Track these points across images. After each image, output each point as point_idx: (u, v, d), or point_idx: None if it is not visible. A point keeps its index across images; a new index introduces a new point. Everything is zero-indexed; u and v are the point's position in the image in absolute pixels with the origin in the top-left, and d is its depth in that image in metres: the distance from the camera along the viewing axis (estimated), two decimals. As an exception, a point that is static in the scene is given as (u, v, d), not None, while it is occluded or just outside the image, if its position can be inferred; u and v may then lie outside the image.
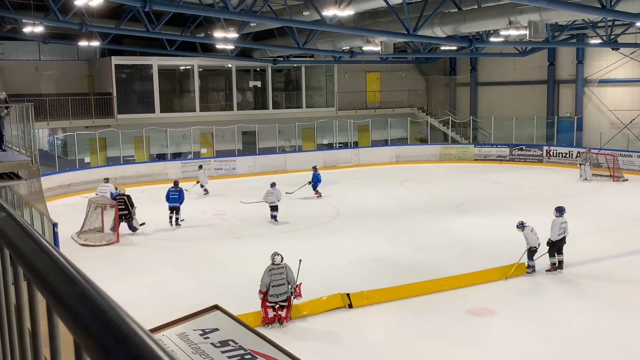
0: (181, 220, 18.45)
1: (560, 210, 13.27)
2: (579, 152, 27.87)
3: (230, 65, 31.61)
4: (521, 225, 13.04)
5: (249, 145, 32.08)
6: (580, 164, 26.32)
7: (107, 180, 20.89)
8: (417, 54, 33.06)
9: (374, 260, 14.30)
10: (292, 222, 18.88)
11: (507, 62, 33.66)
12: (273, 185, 19.15)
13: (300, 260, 10.45)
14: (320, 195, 22.96)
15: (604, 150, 27.87)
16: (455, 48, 30.54)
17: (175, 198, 18.37)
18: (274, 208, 18.59)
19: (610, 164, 26.18)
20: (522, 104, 33.75)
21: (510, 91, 34.72)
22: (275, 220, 18.54)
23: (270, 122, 31.39)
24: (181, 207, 18.49)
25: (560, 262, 13.11)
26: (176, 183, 19.18)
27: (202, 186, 24.34)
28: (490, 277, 12.76)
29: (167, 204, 18.43)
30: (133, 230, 17.71)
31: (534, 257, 13.04)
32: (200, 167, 25.69)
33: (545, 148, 31.21)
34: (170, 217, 18.38)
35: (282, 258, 10.52)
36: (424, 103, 37.94)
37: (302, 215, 20.11)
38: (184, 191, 19.10)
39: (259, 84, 33.20)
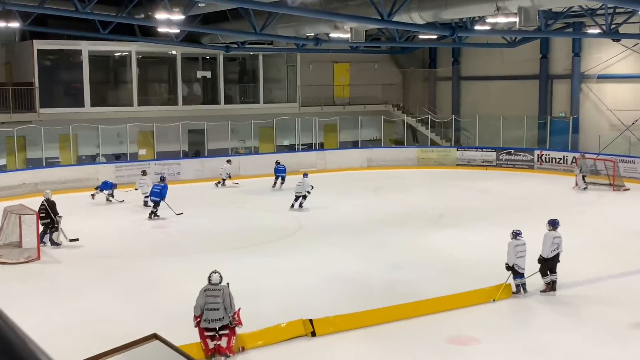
0: (155, 216, 20.91)
1: (553, 224, 13.48)
2: (574, 157, 28.47)
3: (174, 53, 31.40)
4: (513, 235, 13.22)
5: (196, 146, 31.86)
6: (579, 172, 26.77)
7: (144, 172, 24.16)
8: (392, 42, 33.29)
9: (342, 280, 14.32)
10: (246, 237, 18.84)
11: (494, 54, 34.22)
12: (305, 175, 23.19)
13: (227, 284, 10.37)
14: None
15: (603, 155, 28.51)
16: (435, 37, 30.95)
17: (156, 192, 21.04)
18: (301, 197, 22.24)
19: (610, 171, 26.78)
20: (511, 101, 34.33)
21: (498, 87, 35.30)
22: (300, 206, 22.08)
23: (221, 120, 31.25)
24: (161, 203, 20.94)
25: (553, 283, 13.32)
26: (162, 178, 22.07)
27: (222, 181, 27.22)
28: (474, 299, 12.89)
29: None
30: (53, 245, 17.38)
31: (522, 276, 13.22)
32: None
33: (536, 152, 31.80)
34: (152, 213, 21.02)
35: (220, 277, 10.41)
36: (400, 99, 38.30)
37: (258, 228, 20.06)
38: (167, 186, 21.47)
39: (208, 74, 33.04)
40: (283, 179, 27.16)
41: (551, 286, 13.31)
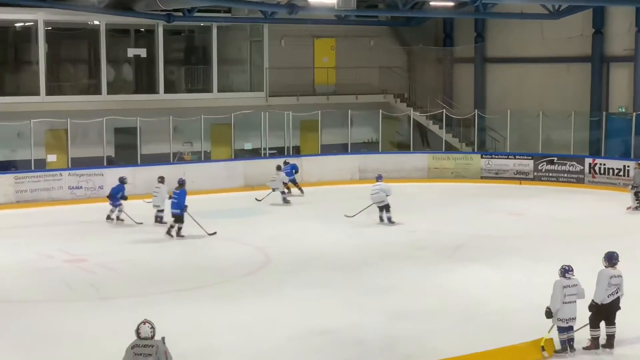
0: (178, 235, 22.51)
1: (610, 259, 13.55)
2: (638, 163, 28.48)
3: (97, 23, 31.32)
4: (562, 272, 13.29)
5: (126, 149, 31.72)
6: (632, 187, 27.00)
7: (162, 179, 24.97)
8: (394, 11, 33.49)
9: (324, 334, 14.29)
10: (194, 274, 18.74)
11: (531, 29, 34.53)
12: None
13: (162, 338, 10.35)
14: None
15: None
16: (452, 4, 31.15)
17: (175, 203, 22.59)
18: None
19: (687, 188, 27.00)
20: (554, 92, 34.61)
21: (536, 72, 35.58)
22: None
23: (160, 114, 31.17)
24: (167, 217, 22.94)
25: (610, 337, 13.39)
26: (181, 182, 23.32)
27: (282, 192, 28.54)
28: (505, 359, 12.94)
29: None
30: None
31: (570, 330, 13.29)
32: (279, 167, 28.82)
33: (588, 161, 32.04)
34: (171, 227, 22.49)
35: (153, 330, 10.39)
36: (405, 88, 38.46)
37: (210, 263, 20.01)
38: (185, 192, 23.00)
39: (143, 53, 32.98)
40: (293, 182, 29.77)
41: (606, 341, 13.37)
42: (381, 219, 24.47)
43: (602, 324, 13.37)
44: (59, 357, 13.36)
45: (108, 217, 24.98)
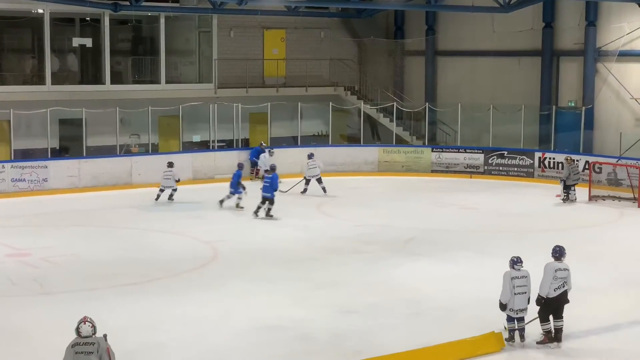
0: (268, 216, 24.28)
1: (557, 253, 13.74)
2: (566, 158, 28.78)
3: (40, 11, 30.92)
4: (512, 264, 13.46)
5: (71, 141, 31.43)
6: (561, 180, 27.56)
7: (171, 164, 27.30)
8: (345, 2, 33.56)
9: (272, 330, 14.30)
10: (140, 269, 18.63)
11: (483, 22, 34.79)
12: (311, 156, 28.82)
13: (104, 336, 10.28)
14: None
15: (625, 159, 29.22)
16: (403, -4, 31.29)
17: (266, 186, 24.20)
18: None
19: (635, 181, 27.46)
20: (505, 86, 34.94)
21: (487, 66, 35.87)
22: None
23: (107, 105, 30.92)
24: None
25: (558, 331, 13.56)
26: (272, 167, 25.41)
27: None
28: (452, 354, 13.04)
29: None
30: None
31: (519, 321, 13.45)
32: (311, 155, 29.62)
33: (537, 155, 32.43)
34: (258, 207, 24.41)
35: (93, 328, 10.30)
36: (355, 80, 38.53)
37: (157, 257, 19.90)
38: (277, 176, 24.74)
39: (88, 42, 32.63)
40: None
41: (554, 335, 13.56)
42: (324, 190, 28.14)
43: (551, 318, 13.56)
44: (1, 353, 13.19)
45: (221, 202, 26.19)
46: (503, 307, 13.50)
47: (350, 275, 18.24)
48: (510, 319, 13.47)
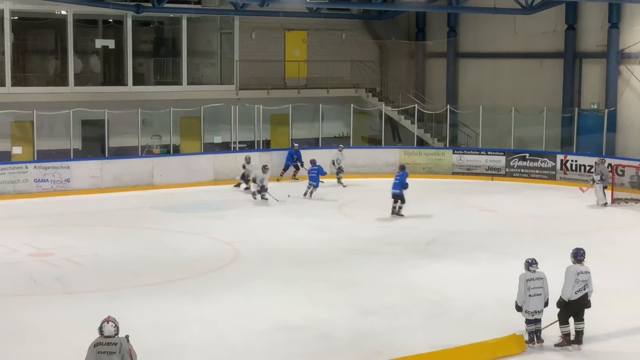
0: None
1: (578, 255, 13.69)
2: (595, 161, 28.75)
3: (64, 13, 31.10)
4: (526, 265, 13.47)
5: (94, 142, 31.59)
6: (592, 182, 27.38)
7: (248, 160, 29.01)
8: (367, 4, 33.57)
9: (292, 330, 14.33)
10: (161, 269, 18.71)
11: (505, 24, 34.70)
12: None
13: (127, 336, 10.34)
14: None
15: (648, 162, 29.10)
16: (425, -2, 31.25)
17: (396, 184, 24.77)
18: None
19: (657, 184, 27.40)
20: (527, 88, 34.82)
21: (509, 68, 35.78)
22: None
23: (129, 107, 31.06)
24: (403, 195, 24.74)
25: (579, 333, 13.54)
26: (401, 166, 26.19)
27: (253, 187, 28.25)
28: (473, 356, 13.04)
29: None
30: None
31: (536, 322, 13.43)
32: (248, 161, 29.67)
33: (559, 157, 32.33)
34: (394, 208, 24.97)
35: (116, 328, 10.36)
36: (377, 82, 38.53)
37: (178, 257, 19.96)
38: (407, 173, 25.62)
39: (111, 44, 32.78)
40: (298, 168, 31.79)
41: (575, 337, 13.53)
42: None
43: (571, 321, 13.54)
44: (23, 352, 13.29)
45: (305, 194, 28.09)
46: (519, 308, 13.51)
47: (370, 275, 18.25)
48: (527, 321, 13.47)
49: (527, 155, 32.87)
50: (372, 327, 14.56)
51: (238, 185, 29.75)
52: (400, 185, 24.76)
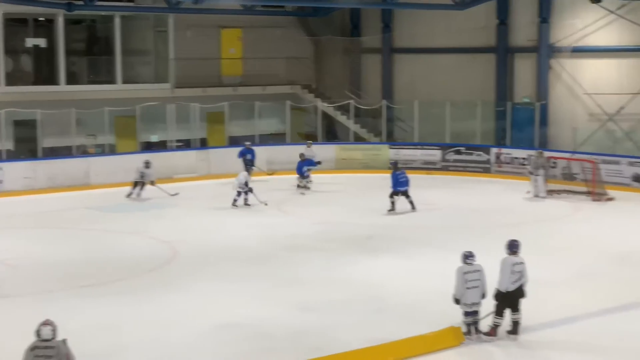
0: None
1: (513, 247, 13.92)
2: (533, 154, 29.26)
3: (-7, 11, 30.61)
4: (463, 258, 13.64)
5: (26, 143, 31.13)
6: (530, 173, 27.90)
7: (148, 164, 27.60)
8: (301, 1, 33.57)
9: (232, 329, 14.33)
10: (98, 270, 18.56)
11: (438, 19, 35.01)
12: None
13: (64, 340, 10.26)
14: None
15: (579, 154, 29.60)
16: (359, -6, 31.39)
17: (404, 182, 25.05)
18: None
19: (589, 175, 27.86)
20: (461, 82, 35.17)
21: (443, 63, 36.08)
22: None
23: (62, 106, 30.66)
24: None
25: (515, 324, 13.75)
26: (395, 164, 26.70)
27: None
28: (412, 349, 13.15)
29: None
30: None
31: (474, 314, 13.61)
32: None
33: (494, 150, 32.77)
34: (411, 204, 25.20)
35: (53, 331, 10.26)
36: (312, 79, 38.58)
37: (116, 258, 19.81)
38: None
39: (42, 42, 32.31)
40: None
41: (513, 328, 13.75)
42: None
43: (508, 312, 13.75)
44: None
45: (298, 186, 29.04)
46: (457, 301, 13.67)
47: (311, 272, 18.31)
48: (465, 314, 13.64)
49: (462, 149, 33.25)
50: (313, 324, 14.61)
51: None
52: (406, 184, 25.20)
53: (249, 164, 30.70)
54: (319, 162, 30.36)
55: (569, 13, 32.38)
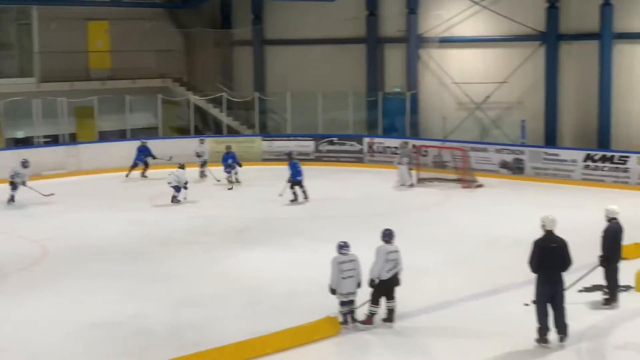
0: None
1: (387, 236, 14.13)
2: (400, 144, 29.90)
3: None
4: (338, 248, 13.78)
5: None
6: (398, 164, 28.49)
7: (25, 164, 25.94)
8: (169, -8, 33.20)
9: (109, 327, 14.11)
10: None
11: (309, 11, 35.24)
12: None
13: None
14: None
15: (449, 142, 30.35)
16: (228, -14, 31.31)
17: (300, 171, 25.52)
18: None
19: (459, 163, 28.59)
20: (332, 73, 35.54)
21: (314, 54, 36.36)
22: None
23: None
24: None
25: (390, 312, 13.96)
26: (289, 154, 26.65)
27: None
28: (290, 340, 13.23)
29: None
30: None
31: (350, 304, 13.78)
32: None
33: (366, 140, 33.21)
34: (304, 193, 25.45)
35: None
36: (183, 72, 38.27)
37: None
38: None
39: None
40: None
41: (388, 316, 13.96)
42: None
43: (383, 300, 13.96)
44: None
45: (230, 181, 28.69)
46: (333, 291, 13.79)
47: (186, 267, 18.21)
48: (342, 303, 13.77)
49: (335, 139, 33.59)
50: (191, 319, 14.53)
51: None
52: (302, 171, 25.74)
53: (146, 157, 30.62)
54: (205, 160, 30.57)
55: (436, 4, 33.17)
